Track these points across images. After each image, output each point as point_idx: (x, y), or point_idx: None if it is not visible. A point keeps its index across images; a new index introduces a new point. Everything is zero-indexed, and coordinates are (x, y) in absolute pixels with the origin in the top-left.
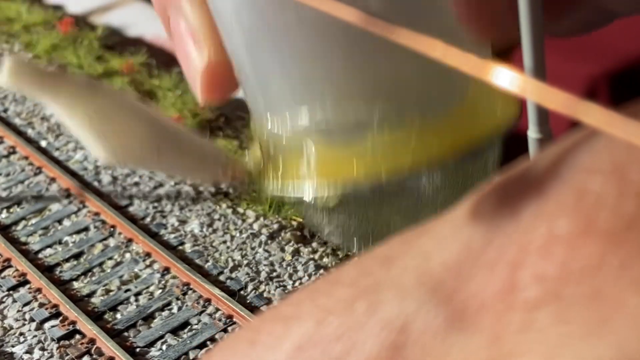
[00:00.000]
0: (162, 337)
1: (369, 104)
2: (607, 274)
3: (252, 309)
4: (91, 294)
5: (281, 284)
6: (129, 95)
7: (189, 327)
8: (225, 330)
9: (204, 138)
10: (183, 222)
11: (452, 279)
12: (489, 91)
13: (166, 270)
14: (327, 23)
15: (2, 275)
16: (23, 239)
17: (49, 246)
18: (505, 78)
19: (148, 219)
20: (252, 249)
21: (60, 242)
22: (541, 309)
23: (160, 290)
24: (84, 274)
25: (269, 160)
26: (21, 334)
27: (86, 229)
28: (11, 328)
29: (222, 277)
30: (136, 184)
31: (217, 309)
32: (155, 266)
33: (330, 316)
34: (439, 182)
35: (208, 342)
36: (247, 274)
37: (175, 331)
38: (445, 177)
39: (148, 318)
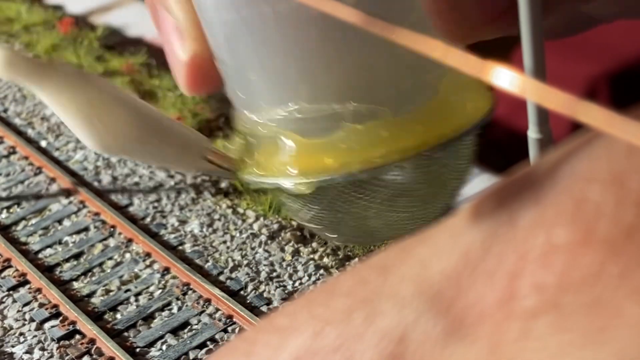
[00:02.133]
0: (162, 337)
1: (342, 97)
2: (607, 283)
3: (252, 309)
4: (91, 294)
5: (281, 284)
6: (115, 85)
7: (189, 327)
8: (225, 331)
9: (187, 127)
10: (183, 222)
11: (450, 288)
12: (462, 85)
13: (166, 270)
14: (302, 18)
15: (2, 275)
16: (23, 239)
17: (49, 246)
18: (505, 78)
19: (148, 219)
20: (252, 249)
21: (60, 242)
22: (540, 318)
23: (160, 290)
24: (84, 274)
25: (248, 151)
26: (21, 334)
27: (86, 229)
28: (11, 328)
29: (222, 277)
30: (136, 184)
31: (217, 309)
32: (155, 266)
33: (328, 327)
34: (413, 174)
35: (208, 342)
36: (247, 274)
37: (175, 331)
38: (419, 169)
39: (148, 318)
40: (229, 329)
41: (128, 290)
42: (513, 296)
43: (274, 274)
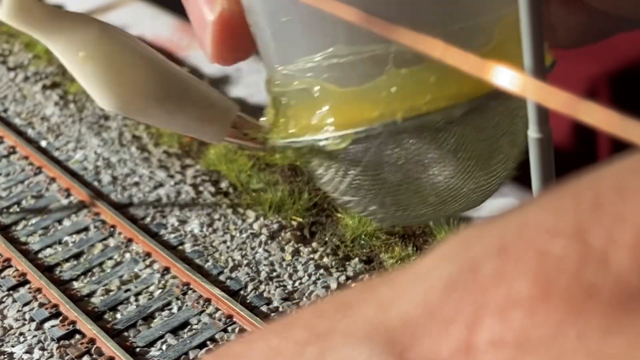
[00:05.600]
0: (162, 337)
1: (383, 37)
2: (564, 345)
3: (252, 308)
4: (91, 294)
5: (281, 284)
6: (136, 38)
7: (189, 327)
8: (225, 330)
9: (213, 89)
10: (183, 222)
11: (406, 334)
12: (519, 36)
13: (166, 270)
14: None
15: (2, 275)
16: (23, 239)
17: (49, 246)
18: (505, 78)
19: (148, 219)
20: (252, 248)
21: (60, 242)
22: None
23: (160, 290)
24: (84, 274)
25: (280, 113)
26: (21, 333)
27: (86, 229)
28: (11, 328)
29: (222, 277)
30: (136, 183)
31: (217, 309)
32: (155, 266)
33: (279, 358)
34: (461, 128)
35: (208, 342)
36: (247, 274)
37: (175, 331)
38: (468, 123)
39: (148, 318)
40: (229, 328)
41: (128, 290)
42: (470, 350)
43: (274, 274)
